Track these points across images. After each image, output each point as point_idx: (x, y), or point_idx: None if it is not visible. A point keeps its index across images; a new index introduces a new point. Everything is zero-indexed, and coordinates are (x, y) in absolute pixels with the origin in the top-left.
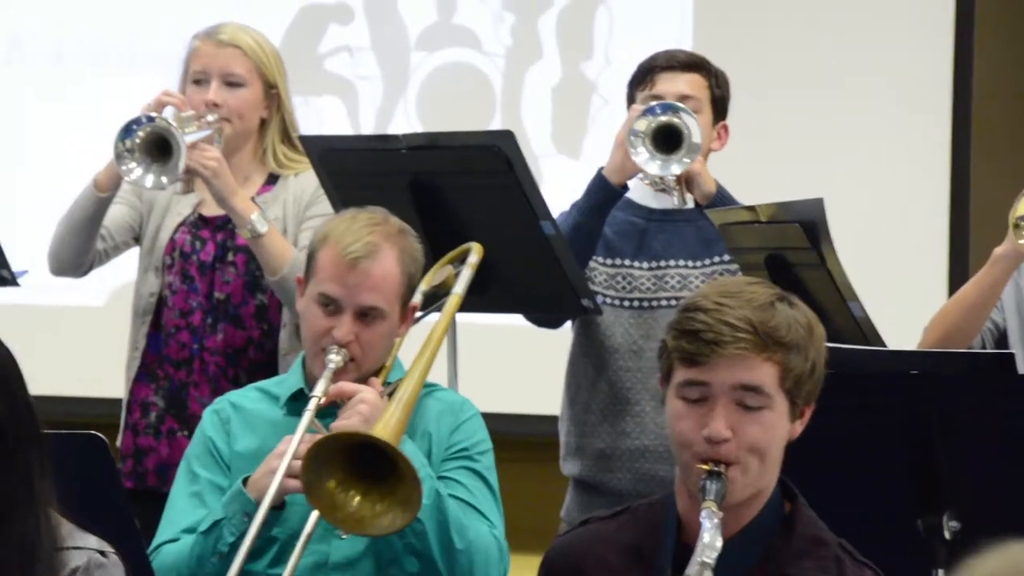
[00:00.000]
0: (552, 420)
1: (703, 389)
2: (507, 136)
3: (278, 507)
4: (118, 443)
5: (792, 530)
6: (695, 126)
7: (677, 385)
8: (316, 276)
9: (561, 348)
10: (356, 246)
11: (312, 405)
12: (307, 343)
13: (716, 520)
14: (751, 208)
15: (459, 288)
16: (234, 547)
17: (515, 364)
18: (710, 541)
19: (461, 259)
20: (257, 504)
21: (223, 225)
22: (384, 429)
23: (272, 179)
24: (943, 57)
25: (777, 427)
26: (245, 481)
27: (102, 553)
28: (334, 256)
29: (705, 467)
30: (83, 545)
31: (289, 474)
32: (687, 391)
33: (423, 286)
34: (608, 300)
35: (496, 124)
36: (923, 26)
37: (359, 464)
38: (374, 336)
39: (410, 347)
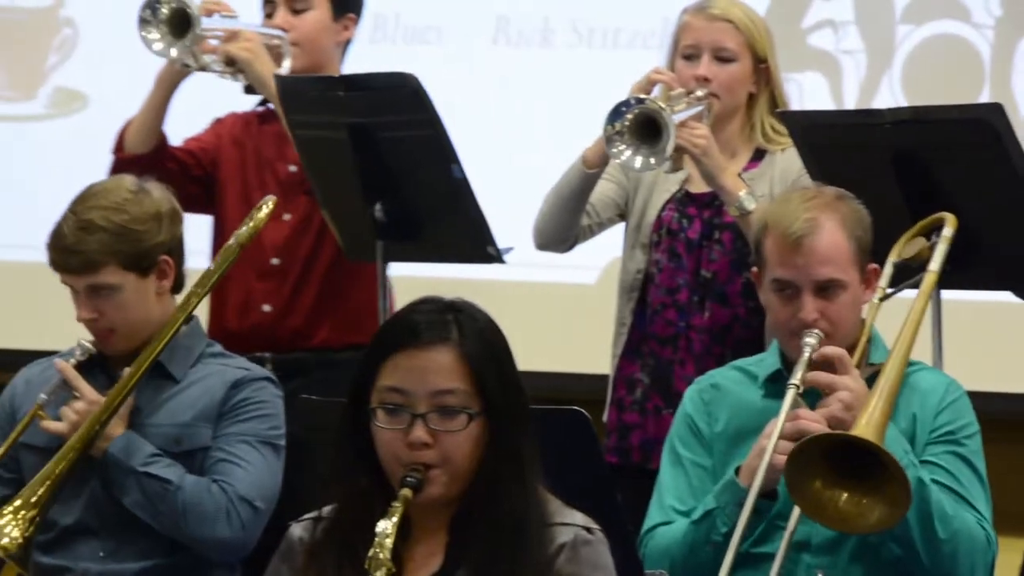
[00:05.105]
0: None
1: None
2: (996, 109)
3: (770, 496)
4: (604, 418)
5: None
6: None
7: None
8: (767, 265)
9: None
10: (796, 225)
11: (790, 392)
12: (776, 331)
13: None
14: None
15: (935, 265)
16: (727, 536)
17: (1003, 342)
18: None
19: (933, 230)
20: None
21: (710, 202)
22: (867, 427)
23: (759, 155)
24: None
25: None
26: (738, 470)
27: (588, 530)
28: (777, 240)
29: None
30: (570, 522)
31: (778, 452)
32: None
33: (893, 257)
34: None
35: (984, 97)
36: None
37: (843, 459)
38: (840, 308)
39: (885, 320)
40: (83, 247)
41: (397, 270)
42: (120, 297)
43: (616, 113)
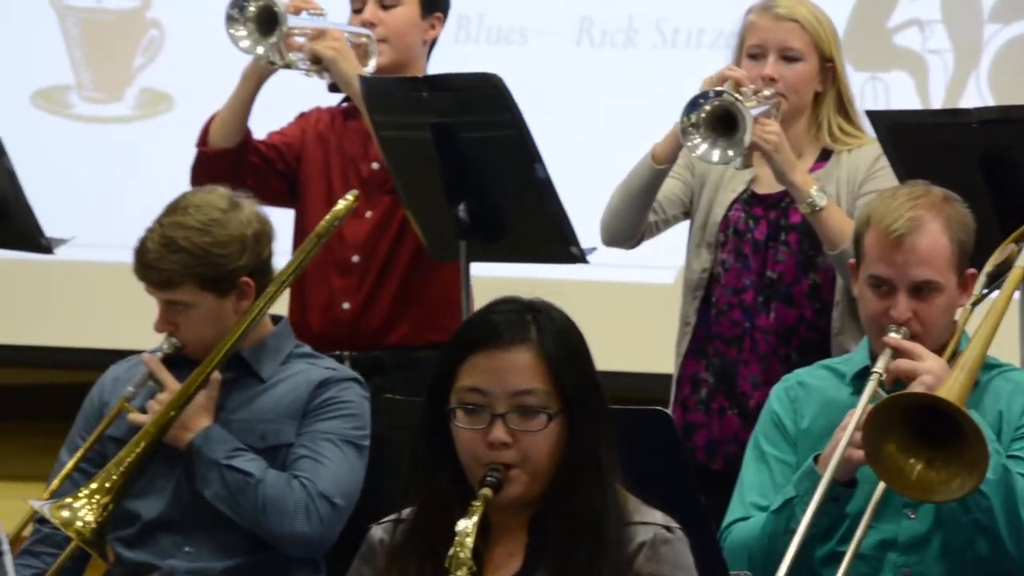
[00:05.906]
0: None
1: None
2: None
3: (849, 484)
4: None
5: None
6: None
7: None
8: (865, 259)
9: None
10: (899, 223)
11: (872, 380)
12: (866, 326)
13: None
14: None
15: (1022, 261)
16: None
17: None
18: None
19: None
20: (828, 481)
21: (776, 203)
22: (947, 391)
23: (825, 155)
24: None
25: None
26: (817, 459)
27: (668, 528)
28: (878, 236)
29: None
30: (649, 520)
31: (854, 445)
32: None
33: (988, 267)
34: None
35: None
36: None
37: (923, 430)
38: (933, 310)
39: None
40: (163, 265)
41: (477, 270)
42: (195, 314)
43: (693, 105)
